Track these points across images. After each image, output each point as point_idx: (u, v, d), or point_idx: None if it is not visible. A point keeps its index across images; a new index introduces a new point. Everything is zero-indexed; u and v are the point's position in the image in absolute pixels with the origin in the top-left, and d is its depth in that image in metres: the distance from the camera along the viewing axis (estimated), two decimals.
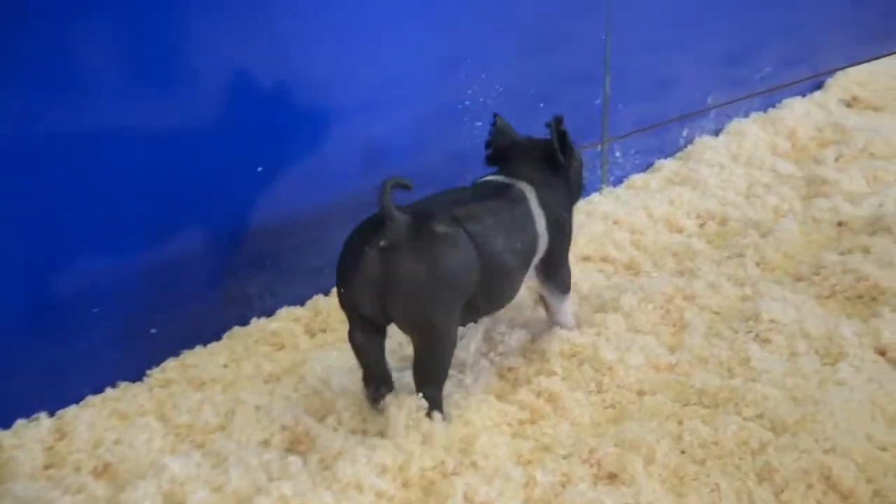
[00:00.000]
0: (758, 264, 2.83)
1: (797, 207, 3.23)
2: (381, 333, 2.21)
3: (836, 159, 3.63)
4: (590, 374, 2.31)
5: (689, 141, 3.76)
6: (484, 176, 2.43)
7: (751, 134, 3.80)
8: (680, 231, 3.13)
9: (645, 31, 3.45)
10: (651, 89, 3.55)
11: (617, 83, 2.97)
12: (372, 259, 2.07)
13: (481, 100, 2.96)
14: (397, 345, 2.46)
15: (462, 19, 2.86)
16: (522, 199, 2.34)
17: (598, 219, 3.19)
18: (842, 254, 2.80)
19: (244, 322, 2.61)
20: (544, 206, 2.37)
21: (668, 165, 3.61)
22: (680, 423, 2.09)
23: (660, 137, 3.66)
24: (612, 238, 3.02)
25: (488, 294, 2.23)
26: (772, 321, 2.43)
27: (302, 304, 2.71)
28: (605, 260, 2.96)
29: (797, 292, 2.62)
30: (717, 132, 3.85)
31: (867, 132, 3.75)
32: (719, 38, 3.78)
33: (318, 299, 2.72)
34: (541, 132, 2.43)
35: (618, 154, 3.50)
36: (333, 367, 2.34)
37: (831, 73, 4.46)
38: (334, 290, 2.74)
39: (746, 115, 3.98)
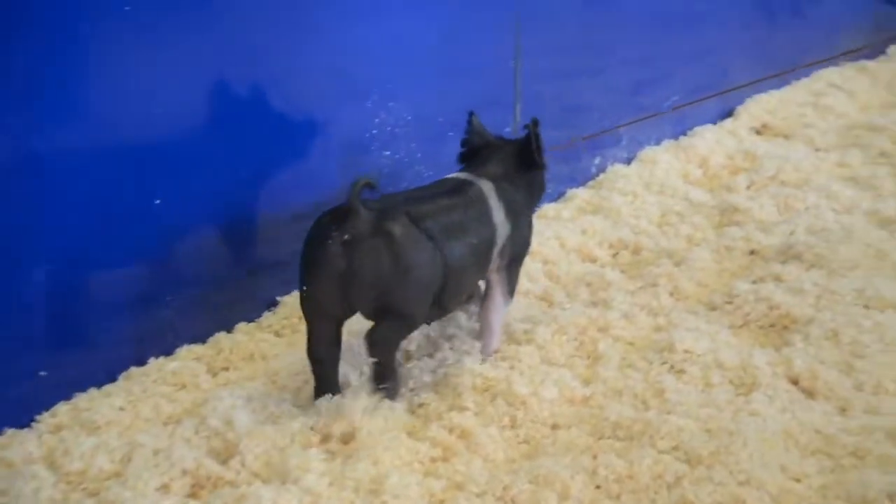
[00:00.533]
0: (671, 294, 2.90)
1: (710, 236, 3.32)
2: (339, 342, 2.37)
3: (748, 187, 3.74)
4: (503, 409, 2.33)
5: (602, 169, 3.84)
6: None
7: (663, 162, 3.90)
8: (593, 261, 3.19)
9: (555, 58, 3.52)
10: (562, 116, 3.62)
11: (527, 110, 3.02)
12: (336, 253, 2.23)
13: (389, 128, 2.98)
14: None
15: (369, 47, 2.88)
16: (480, 194, 2.52)
17: None
18: (754, 282, 2.88)
19: (141, 362, 2.57)
20: (504, 200, 2.55)
21: (580, 194, 3.67)
22: (595, 457, 2.12)
23: (571, 166, 3.72)
24: (525, 269, 3.05)
25: (447, 289, 2.39)
26: (686, 352, 2.48)
27: (203, 341, 2.68)
28: (518, 291, 2.99)
29: (711, 322, 2.69)
30: (629, 160, 3.94)
31: (777, 159, 3.88)
32: (629, 65, 3.88)
33: (221, 336, 2.69)
34: (448, 160, 2.45)
35: None
36: (237, 406, 2.32)
37: (741, 100, 4.61)
38: (238, 327, 2.73)
39: (658, 142, 4.08)
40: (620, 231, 3.33)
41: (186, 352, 2.63)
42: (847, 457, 2.07)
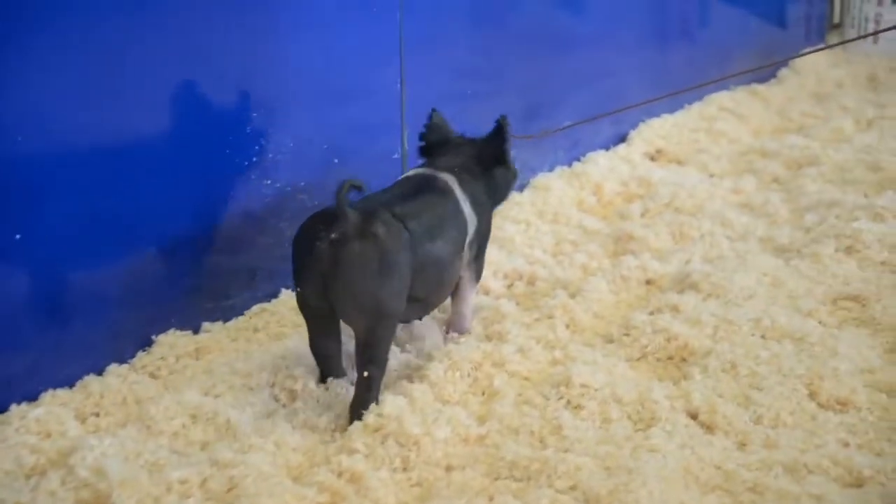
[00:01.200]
0: (567, 326, 2.93)
1: (605, 265, 3.38)
2: (338, 336, 2.58)
3: (642, 214, 3.82)
4: (395, 450, 2.31)
5: None
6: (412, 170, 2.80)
7: (556, 189, 3.96)
8: (487, 293, 3.20)
9: (442, 82, 3.55)
10: None
11: (416, 136, 3.03)
12: (323, 251, 2.40)
13: (270, 156, 2.95)
14: None
15: (247, 71, 2.85)
16: (448, 188, 2.74)
17: None
18: (651, 313, 2.93)
19: (1, 409, 2.47)
20: (468, 192, 2.77)
21: None
22: (491, 498, 2.12)
23: None
24: None
25: (428, 283, 2.59)
26: (583, 386, 2.51)
27: (70, 385, 2.59)
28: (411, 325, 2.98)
29: (608, 355, 2.72)
30: (521, 187, 3.98)
31: (672, 186, 3.97)
32: (520, 90, 3.94)
33: (90, 380, 2.61)
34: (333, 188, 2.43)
35: None
36: (108, 454, 2.24)
37: (635, 125, 4.71)
38: (109, 369, 2.65)
39: (551, 169, 4.13)
40: (514, 261, 3.35)
41: (51, 397, 2.54)
42: (746, 493, 2.11)
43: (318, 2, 3.04)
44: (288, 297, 3.05)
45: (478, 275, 2.90)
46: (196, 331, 2.85)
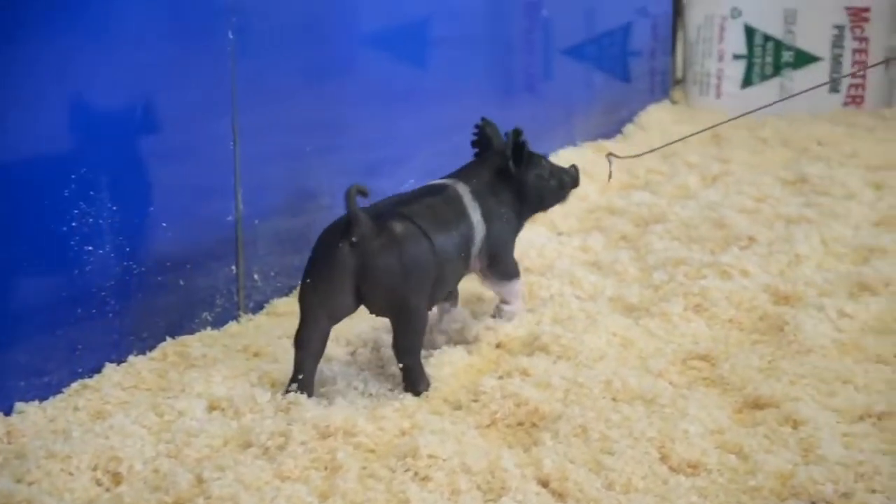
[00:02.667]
0: (415, 394, 2.92)
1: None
2: (324, 341, 2.91)
3: None
4: None
5: None
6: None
7: None
8: (328, 360, 3.16)
9: (279, 138, 3.53)
10: (291, 203, 3.62)
11: (251, 197, 3.00)
12: (346, 254, 2.80)
13: (91, 220, 2.86)
14: None
15: (63, 126, 2.78)
16: (456, 194, 3.11)
17: (237, 352, 3.16)
18: (501, 377, 2.95)
19: None
20: (479, 202, 3.14)
21: None
22: None
23: (304, 256, 3.69)
24: (249, 375, 2.99)
25: (437, 281, 2.94)
26: (430, 456, 2.49)
27: None
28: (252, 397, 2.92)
29: (457, 422, 2.72)
30: None
31: (520, 245, 4.01)
32: (362, 146, 3.95)
33: None
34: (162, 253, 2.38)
35: (256, 277, 3.51)
36: None
37: None
38: None
39: None
40: (359, 326, 3.33)
41: None
42: None
43: (141, 53, 2.99)
44: (112, 372, 2.96)
45: (506, 273, 3.29)
46: (7, 412, 2.72)
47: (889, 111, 6.45)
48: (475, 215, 3.12)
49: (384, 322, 3.38)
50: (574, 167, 3.52)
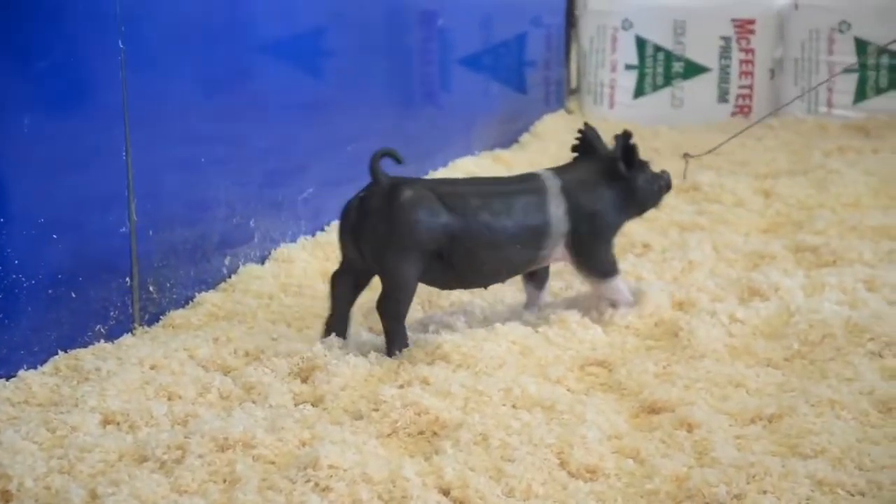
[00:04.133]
0: (314, 404, 2.90)
1: (362, 336, 3.37)
2: (357, 287, 3.23)
3: None
4: None
5: (234, 270, 3.80)
6: None
7: (300, 260, 3.93)
8: (227, 372, 3.13)
9: (173, 147, 3.48)
10: (186, 214, 3.57)
11: (145, 208, 2.95)
12: (353, 207, 3.11)
13: None
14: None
15: None
16: (541, 187, 3.29)
17: (132, 365, 3.09)
18: (401, 386, 2.94)
19: None
20: (568, 196, 3.30)
21: (210, 299, 3.61)
22: None
23: (200, 267, 3.67)
24: (145, 388, 2.94)
25: (467, 260, 3.18)
26: (331, 467, 2.47)
27: None
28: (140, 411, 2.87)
29: (357, 432, 2.70)
30: (262, 259, 3.94)
31: None
32: (259, 157, 3.91)
33: None
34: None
35: (151, 289, 3.45)
36: None
37: None
38: None
39: (294, 239, 4.11)
40: (257, 338, 3.29)
41: None
42: None
43: (29, 61, 2.93)
44: (1, 387, 2.88)
45: (599, 271, 3.41)
46: None
47: (776, 120, 6.63)
48: (557, 210, 3.28)
49: (284, 331, 3.37)
50: (665, 172, 3.64)
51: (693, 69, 6.93)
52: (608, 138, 3.52)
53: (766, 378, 3.02)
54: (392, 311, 3.13)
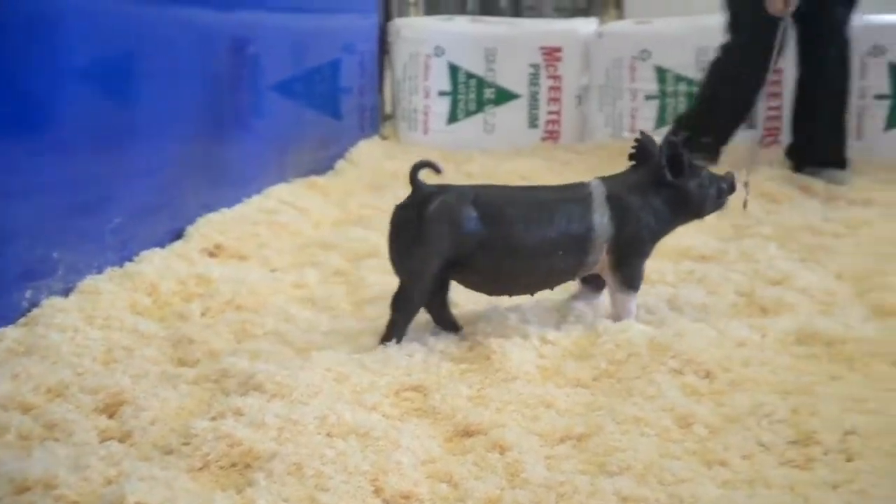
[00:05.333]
0: (121, 440, 2.81)
1: (170, 370, 3.29)
2: (441, 288, 3.46)
3: (203, 314, 3.78)
4: None
5: (35, 304, 3.66)
6: None
7: (107, 292, 3.82)
8: (27, 410, 3.00)
9: None
10: None
11: None
12: (394, 213, 3.37)
13: None
14: None
15: None
16: (586, 195, 3.42)
17: None
18: (213, 419, 2.88)
19: None
20: (612, 205, 3.40)
21: (9, 334, 3.46)
22: None
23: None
24: None
25: (496, 269, 3.38)
26: None
27: None
28: None
29: (167, 467, 2.64)
30: (67, 292, 3.80)
31: (233, 283, 3.98)
32: (63, 187, 3.78)
33: None
34: None
35: None
36: None
37: (192, 220, 4.68)
38: None
39: (101, 271, 3.99)
40: (60, 373, 3.18)
41: None
42: None
43: None
44: None
45: (628, 283, 3.49)
46: None
47: (582, 146, 6.84)
48: (601, 217, 3.38)
49: (89, 365, 3.26)
50: (730, 174, 3.67)
51: (504, 95, 7.07)
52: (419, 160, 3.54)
53: (575, 398, 3.10)
54: (402, 307, 3.37)
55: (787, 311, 3.66)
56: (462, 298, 3.86)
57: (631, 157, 3.64)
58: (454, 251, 3.30)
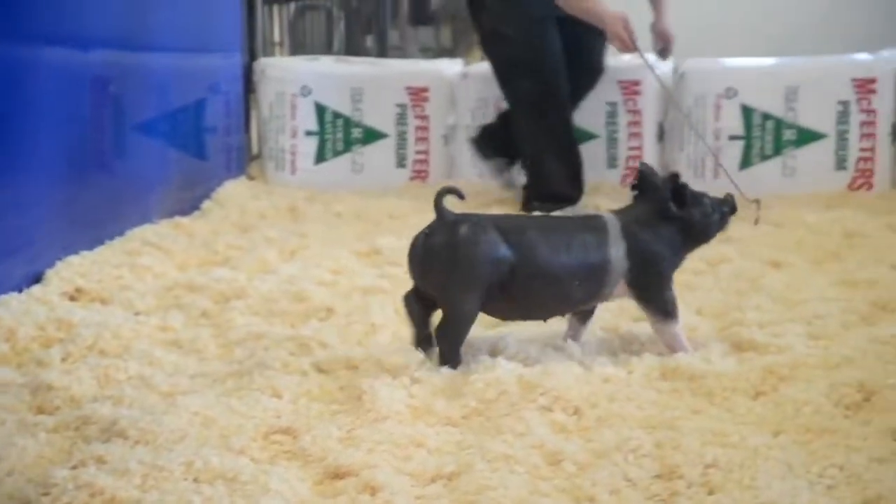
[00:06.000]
0: None
1: (29, 418, 3.19)
2: (428, 307, 3.50)
3: (63, 360, 3.68)
4: None
5: None
6: None
7: None
8: None
9: None
10: None
11: None
12: (419, 243, 3.42)
13: None
14: None
15: None
16: (601, 227, 3.50)
17: None
18: (74, 467, 2.81)
19: None
20: (627, 237, 3.49)
21: None
22: None
23: None
24: None
25: (526, 294, 3.44)
26: None
27: None
28: None
29: None
30: None
31: (95, 327, 3.88)
32: None
33: None
34: None
35: None
36: None
37: (52, 263, 4.57)
38: None
39: None
40: None
41: None
42: None
43: None
44: None
45: (663, 312, 3.58)
46: None
47: (453, 184, 6.88)
48: (617, 250, 3.47)
49: None
50: (730, 195, 3.81)
51: (371, 135, 7.09)
52: (291, 204, 3.54)
53: (445, 437, 3.11)
54: (451, 339, 3.42)
55: (652, 347, 3.74)
56: (332, 339, 3.85)
57: (633, 187, 3.76)
58: (491, 277, 3.37)
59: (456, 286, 3.37)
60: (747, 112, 6.54)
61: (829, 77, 6.48)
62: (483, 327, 3.76)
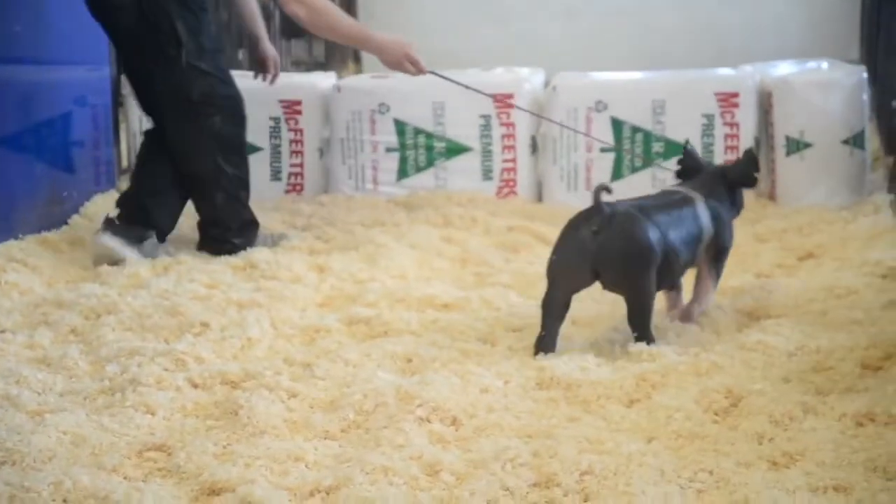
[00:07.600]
0: None
1: None
2: (567, 305, 3.76)
3: None
4: None
5: None
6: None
7: None
8: None
9: None
10: None
11: None
12: (587, 240, 3.59)
13: None
14: None
15: None
16: (692, 202, 3.90)
17: None
18: None
19: None
20: (710, 208, 3.93)
21: None
22: None
23: None
24: None
25: (663, 268, 3.70)
26: None
27: None
28: None
29: None
30: None
31: None
32: None
33: None
34: None
35: None
36: None
37: None
38: None
39: None
40: None
41: None
42: None
43: None
44: None
45: (718, 276, 4.08)
46: None
47: (326, 196, 6.86)
48: (706, 218, 3.89)
49: None
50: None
51: (248, 148, 7.01)
52: None
53: (324, 450, 3.08)
54: (644, 322, 3.70)
55: (528, 356, 3.78)
56: (208, 354, 3.80)
57: (681, 165, 4.19)
58: (658, 257, 3.67)
59: (639, 271, 3.64)
60: (617, 125, 6.66)
61: (694, 91, 6.64)
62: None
